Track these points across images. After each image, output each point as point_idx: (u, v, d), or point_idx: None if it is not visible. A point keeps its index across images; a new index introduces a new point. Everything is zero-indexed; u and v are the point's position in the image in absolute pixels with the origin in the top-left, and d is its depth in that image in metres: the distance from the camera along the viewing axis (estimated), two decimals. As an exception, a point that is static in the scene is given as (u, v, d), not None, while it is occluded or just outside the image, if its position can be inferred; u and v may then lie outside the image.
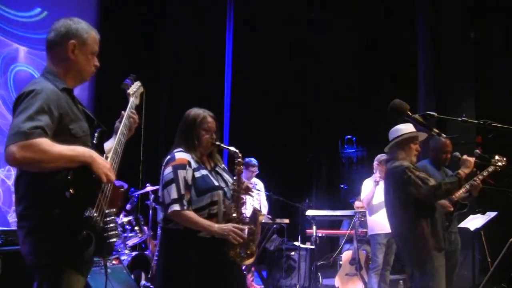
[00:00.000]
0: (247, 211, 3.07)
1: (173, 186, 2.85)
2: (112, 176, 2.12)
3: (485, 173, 4.12)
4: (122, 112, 2.44)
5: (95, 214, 2.02)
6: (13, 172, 5.86)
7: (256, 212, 3.12)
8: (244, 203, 3.01)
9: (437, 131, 2.39)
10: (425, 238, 3.54)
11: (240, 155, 3.06)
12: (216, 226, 2.85)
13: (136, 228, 5.43)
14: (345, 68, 10.24)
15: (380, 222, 5.72)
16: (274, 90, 9.90)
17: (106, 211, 2.12)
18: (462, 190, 4.05)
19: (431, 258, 3.55)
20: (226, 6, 9.08)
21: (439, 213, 3.69)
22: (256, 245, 3.09)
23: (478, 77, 7.77)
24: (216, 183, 2.96)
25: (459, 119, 2.26)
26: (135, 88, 2.56)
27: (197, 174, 2.92)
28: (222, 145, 3.09)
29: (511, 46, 7.85)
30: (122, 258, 5.03)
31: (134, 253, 5.35)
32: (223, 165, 3.18)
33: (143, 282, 5.35)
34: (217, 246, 2.88)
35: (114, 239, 2.15)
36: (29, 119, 1.96)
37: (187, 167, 2.91)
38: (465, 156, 3.75)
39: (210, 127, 3.04)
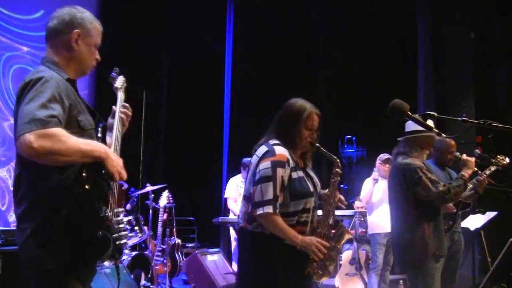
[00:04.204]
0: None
1: (271, 185, 2.59)
2: (124, 174, 1.95)
3: (487, 172, 4.07)
4: (113, 107, 2.30)
5: (110, 213, 1.86)
6: (12, 171, 5.86)
7: (343, 230, 2.86)
8: (332, 217, 2.81)
9: (437, 131, 2.39)
10: (425, 242, 3.47)
11: (339, 164, 2.81)
12: (300, 238, 2.63)
13: (136, 228, 5.43)
14: (345, 68, 10.24)
15: (380, 222, 5.72)
16: (274, 90, 9.90)
17: (115, 210, 1.97)
18: (467, 189, 4.00)
19: (427, 261, 3.49)
20: (226, 6, 9.08)
21: (441, 216, 3.65)
22: (334, 264, 2.84)
23: (478, 77, 7.76)
24: (312, 189, 2.74)
25: (459, 119, 2.24)
26: (121, 83, 2.40)
27: (294, 175, 2.68)
28: (322, 148, 2.81)
29: (511, 46, 7.85)
30: (122, 258, 5.04)
31: (134, 253, 5.36)
32: (311, 166, 2.92)
33: (143, 282, 5.35)
34: (301, 256, 2.69)
35: (124, 240, 1.99)
36: (43, 107, 1.77)
37: (286, 165, 2.66)
38: (464, 156, 3.72)
39: (314, 126, 2.79)
